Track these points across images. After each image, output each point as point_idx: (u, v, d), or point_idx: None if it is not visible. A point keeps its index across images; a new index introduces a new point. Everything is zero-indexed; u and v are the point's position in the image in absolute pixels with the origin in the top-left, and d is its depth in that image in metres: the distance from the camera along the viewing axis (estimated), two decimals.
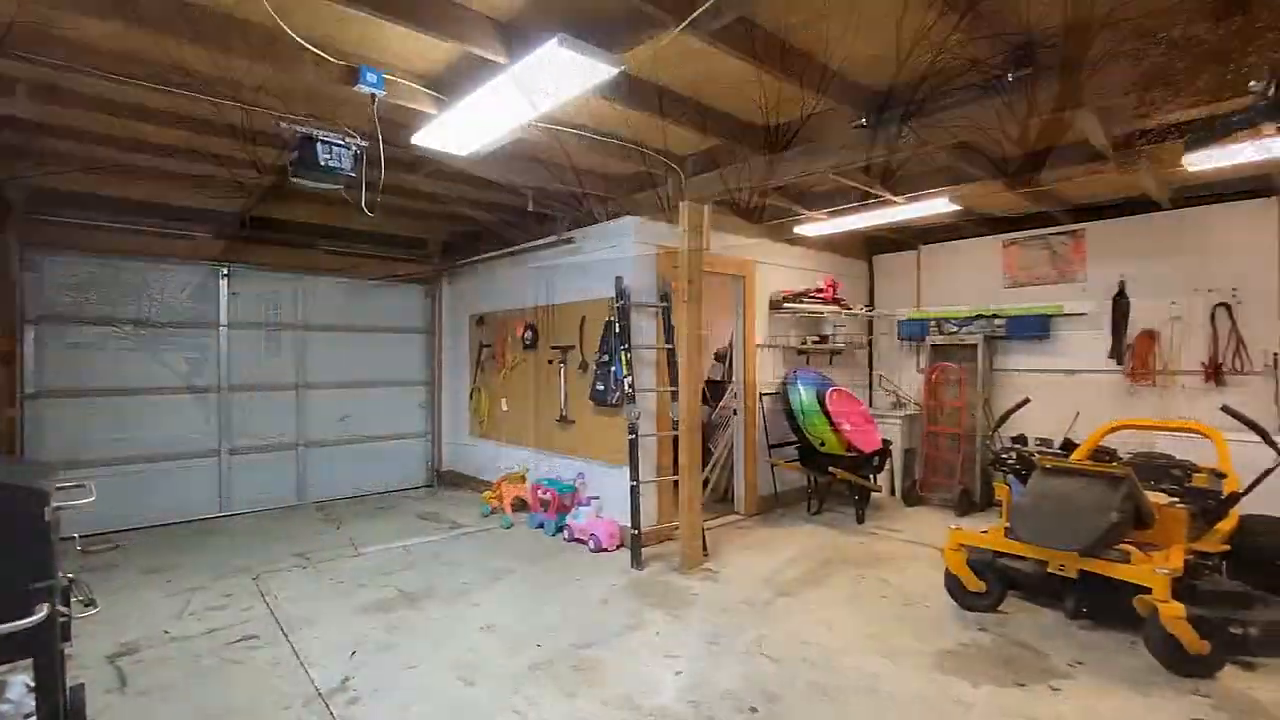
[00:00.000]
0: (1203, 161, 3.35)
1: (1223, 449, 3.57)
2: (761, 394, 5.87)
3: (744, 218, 5.82)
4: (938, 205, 4.88)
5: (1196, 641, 2.82)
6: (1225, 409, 3.47)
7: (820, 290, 6.22)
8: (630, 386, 4.64)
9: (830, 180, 4.65)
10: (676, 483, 4.55)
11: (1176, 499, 3.42)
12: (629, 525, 4.47)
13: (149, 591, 3.94)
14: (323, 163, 3.09)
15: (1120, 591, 3.08)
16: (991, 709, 2.63)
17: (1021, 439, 4.59)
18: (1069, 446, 4.08)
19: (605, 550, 4.65)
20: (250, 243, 5.92)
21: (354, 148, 3.21)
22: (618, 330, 4.77)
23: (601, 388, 5.03)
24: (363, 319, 6.76)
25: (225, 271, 5.88)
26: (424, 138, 3.45)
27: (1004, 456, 3.98)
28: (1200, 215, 4.98)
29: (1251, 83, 1.18)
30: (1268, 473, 3.28)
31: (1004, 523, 3.51)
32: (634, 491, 4.50)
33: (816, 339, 6.34)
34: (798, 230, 5.94)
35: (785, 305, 5.96)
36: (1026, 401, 4.42)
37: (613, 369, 4.88)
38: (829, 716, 2.58)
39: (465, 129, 3.33)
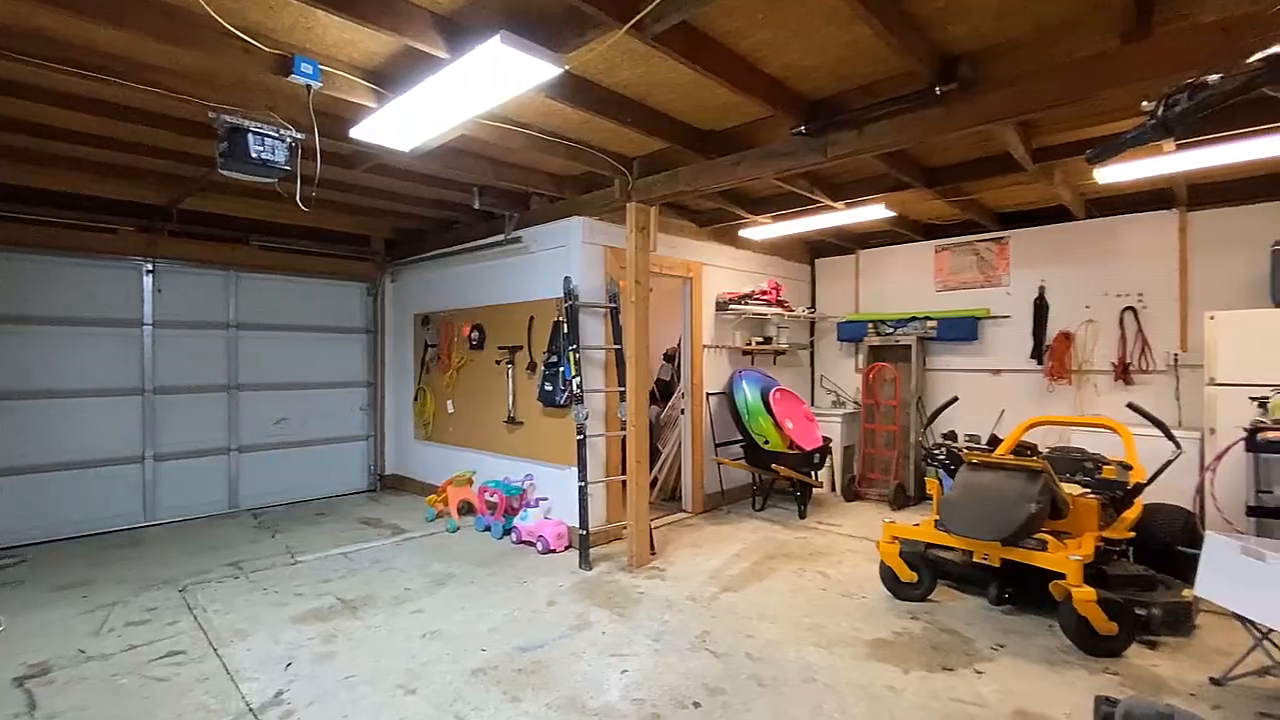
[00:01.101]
0: (1110, 175, 3.59)
1: (1129, 442, 3.85)
2: (708, 394, 5.97)
3: (691, 220, 5.91)
4: (874, 211, 5.07)
5: (1106, 623, 3.03)
6: (1131, 405, 3.74)
7: (764, 292, 6.37)
8: (578, 387, 4.64)
9: (773, 185, 4.77)
10: (625, 483, 4.58)
11: (1088, 490, 3.66)
12: (577, 526, 4.48)
13: (62, 609, 3.71)
14: (254, 155, 2.98)
15: (1038, 578, 3.29)
16: (921, 693, 2.76)
17: (952, 435, 4.82)
18: (995, 442, 4.31)
19: (553, 551, 4.64)
20: (178, 237, 5.65)
21: (289, 140, 3.11)
22: (566, 331, 4.77)
23: (550, 388, 5.01)
24: (300, 318, 6.53)
25: (150, 267, 5.58)
26: (363, 132, 3.37)
27: (935, 452, 4.17)
28: (1110, 225, 5.34)
29: (1144, 102, 1.28)
30: (1168, 464, 3.56)
31: (934, 515, 3.68)
32: (582, 492, 4.51)
33: (761, 340, 6.49)
34: (743, 234, 6.07)
35: (731, 307, 6.07)
36: (955, 400, 4.65)
37: (561, 369, 4.88)
38: (769, 707, 2.65)
39: (407, 124, 3.26)
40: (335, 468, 6.79)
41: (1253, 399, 3.97)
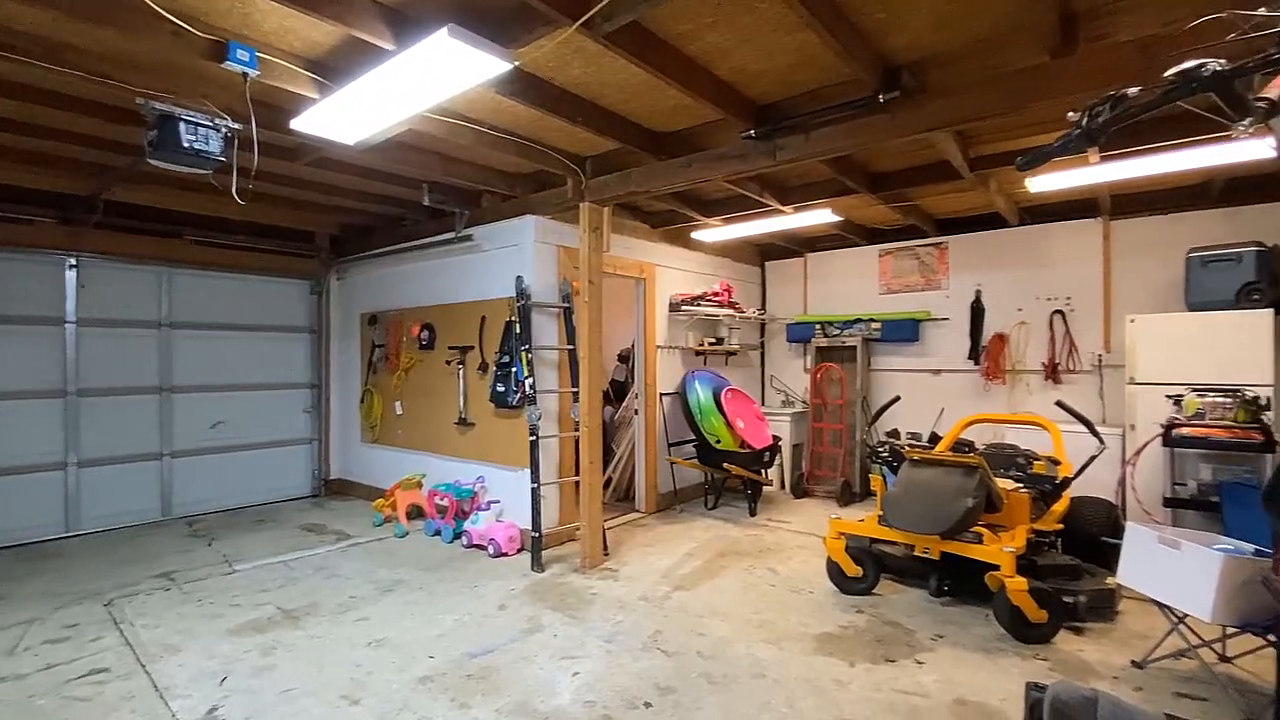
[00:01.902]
0: (1040, 184, 3.78)
1: (1057, 439, 4.06)
2: (662, 394, 6.00)
3: (644, 221, 5.94)
4: (821, 215, 5.20)
5: (1036, 611, 3.18)
6: (1059, 404, 3.95)
7: (717, 294, 6.45)
8: (531, 388, 4.60)
9: (725, 188, 4.83)
10: (578, 483, 4.56)
11: (1021, 485, 3.83)
12: (530, 528, 4.43)
13: None
14: (186, 144, 2.84)
15: (975, 569, 3.43)
16: (866, 685, 2.83)
17: (895, 433, 4.98)
18: (935, 439, 4.47)
19: (505, 555, 4.58)
20: (104, 230, 5.33)
21: (224, 129, 2.98)
22: (519, 331, 4.72)
23: (502, 389, 4.95)
24: (240, 316, 6.25)
25: (73, 262, 5.26)
26: (305, 123, 3.25)
27: (879, 450, 4.30)
28: (1041, 232, 5.62)
29: (1070, 113, 1.36)
30: (1092, 459, 3.76)
31: (878, 511, 3.79)
32: (535, 494, 4.47)
33: (713, 341, 6.56)
34: (695, 235, 6.14)
35: (684, 308, 6.12)
36: (897, 399, 4.81)
37: (513, 370, 4.82)
38: (719, 705, 2.68)
39: (351, 116, 3.16)
40: (277, 472, 6.53)
41: (1169, 397, 4.23)
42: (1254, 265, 4.25)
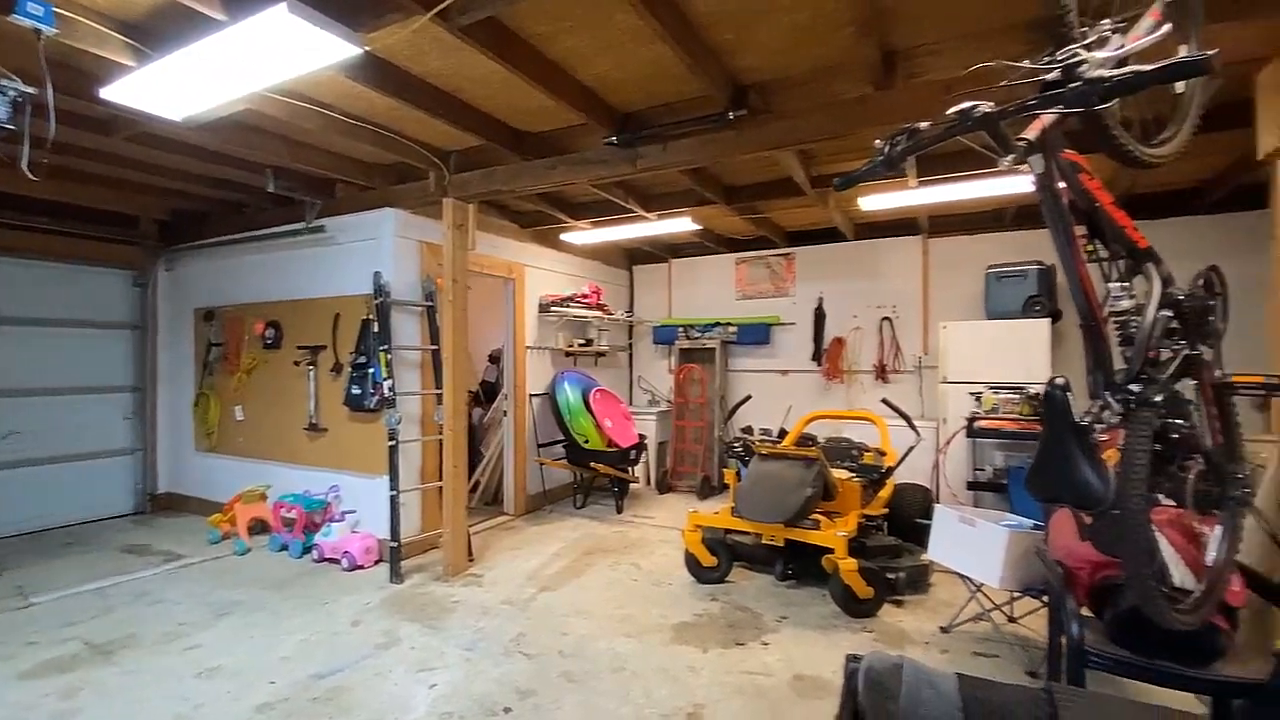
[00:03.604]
0: (871, 203, 4.22)
1: (884, 432, 4.55)
2: (531, 395, 5.97)
3: (513, 221, 5.87)
4: (682, 223, 5.44)
5: (865, 588, 3.56)
6: (884, 401, 4.43)
7: (586, 296, 6.52)
8: (390, 390, 4.40)
9: (592, 192, 4.90)
10: (442, 489, 4.43)
11: (853, 474, 4.26)
12: (389, 538, 4.25)
13: None
14: None
15: (815, 554, 3.77)
16: (717, 669, 3.02)
17: (749, 430, 5.33)
18: (785, 435, 4.85)
19: (361, 568, 4.36)
20: None
21: (11, 93, 2.57)
22: (377, 330, 4.49)
23: (358, 392, 4.69)
24: (42, 310, 5.40)
25: None
26: (118, 93, 2.88)
27: (734, 445, 4.59)
28: (873, 246, 6.27)
29: (876, 142, 1.53)
30: (910, 450, 4.27)
31: (731, 503, 4.05)
32: (394, 501, 4.29)
33: (583, 342, 6.63)
34: (564, 237, 6.16)
35: (553, 309, 6.14)
36: (749, 398, 5.16)
37: (371, 371, 4.59)
38: (579, 703, 2.74)
39: (176, 89, 2.84)
40: (91, 488, 5.72)
41: (971, 394, 4.89)
42: (1036, 281, 5.02)
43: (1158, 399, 1.44)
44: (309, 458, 5.12)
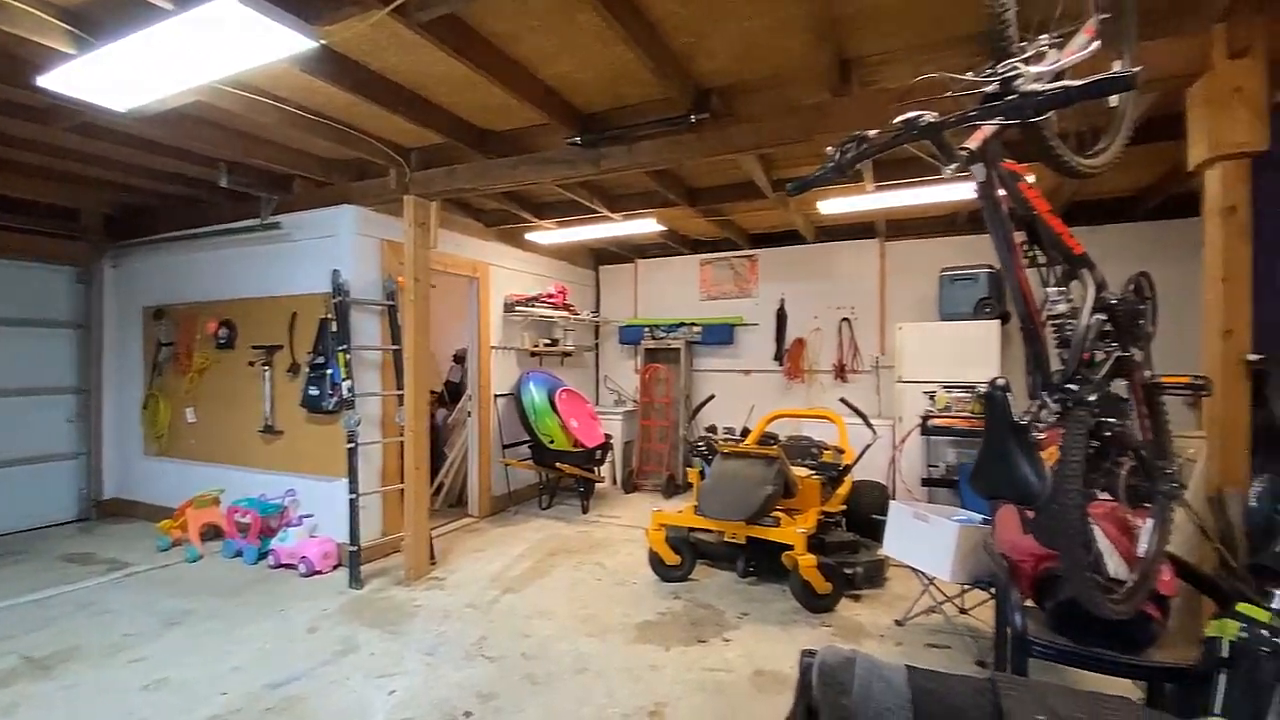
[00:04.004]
0: (830, 207, 4.30)
1: (842, 430, 4.65)
2: (496, 395, 5.92)
3: (477, 219, 5.81)
4: (647, 224, 5.47)
5: (823, 583, 3.63)
6: (842, 400, 4.53)
7: (551, 295, 6.50)
8: (350, 391, 4.31)
9: (557, 191, 4.89)
10: (404, 491, 4.37)
11: (812, 471, 4.34)
12: (348, 542, 4.17)
13: None
14: None
15: (775, 550, 3.83)
16: (679, 667, 3.05)
17: (713, 429, 5.39)
18: (747, 434, 4.91)
19: (319, 573, 4.26)
20: None
21: None
22: (335, 329, 4.40)
23: (316, 393, 4.58)
24: None
25: None
26: (57, 81, 2.77)
27: (698, 445, 4.63)
28: (833, 249, 6.40)
29: (827, 148, 1.56)
30: (867, 448, 4.37)
31: (694, 502, 4.08)
32: (353, 505, 4.21)
33: (548, 342, 6.61)
34: (529, 237, 6.13)
35: (519, 309, 6.10)
36: (712, 397, 5.22)
37: (329, 372, 4.49)
38: (540, 705, 2.73)
39: (120, 79, 2.73)
40: (32, 494, 5.46)
41: (925, 393, 5.03)
42: (986, 283, 5.19)
43: (1092, 398, 1.51)
44: (264, 461, 4.99)
